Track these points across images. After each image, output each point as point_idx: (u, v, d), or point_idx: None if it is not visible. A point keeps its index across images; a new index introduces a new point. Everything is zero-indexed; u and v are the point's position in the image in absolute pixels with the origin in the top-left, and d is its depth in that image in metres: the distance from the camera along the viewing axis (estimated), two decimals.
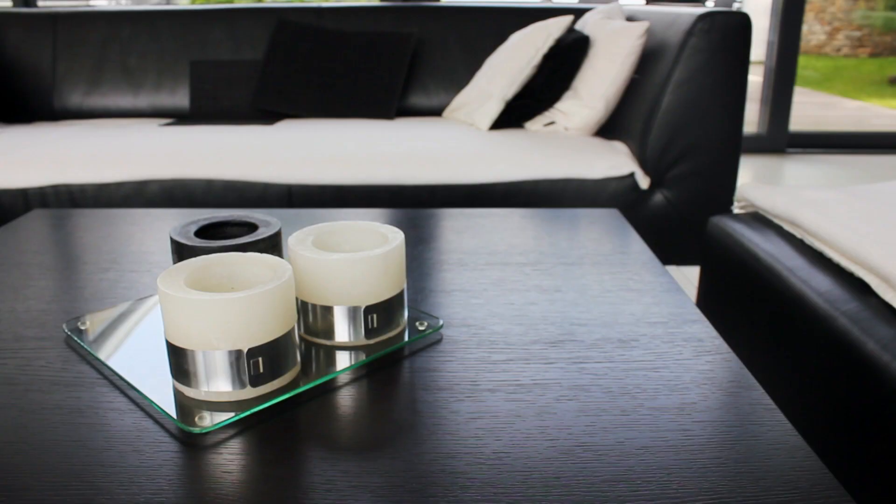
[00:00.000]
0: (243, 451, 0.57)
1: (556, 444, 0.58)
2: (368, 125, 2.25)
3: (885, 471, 0.82)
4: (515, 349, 0.73)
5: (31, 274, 0.91)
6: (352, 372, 0.69)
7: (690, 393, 0.65)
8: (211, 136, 2.02)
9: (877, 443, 0.84)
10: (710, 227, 1.39)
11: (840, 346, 0.93)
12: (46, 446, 0.58)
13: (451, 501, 0.52)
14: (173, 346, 0.62)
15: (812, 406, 1.00)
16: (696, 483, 0.54)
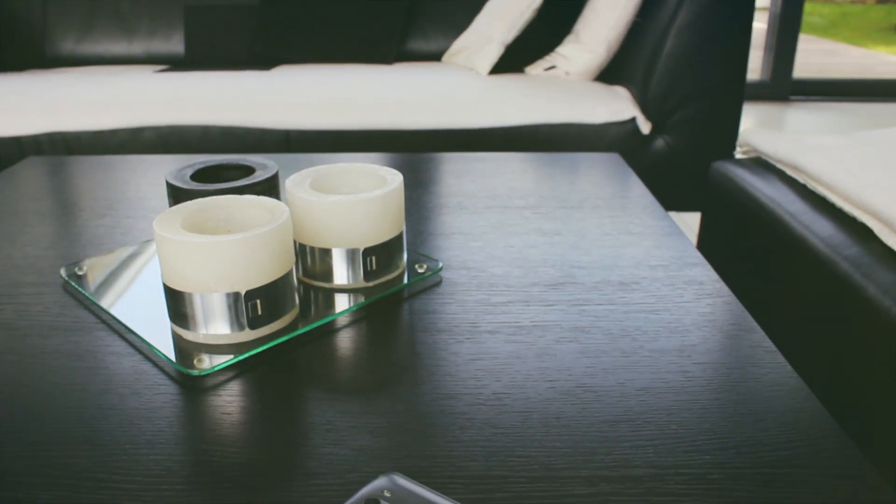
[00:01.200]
0: (242, 392, 0.57)
1: (555, 385, 0.58)
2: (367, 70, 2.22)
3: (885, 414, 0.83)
4: (515, 291, 0.73)
5: (28, 221, 0.91)
6: (351, 314, 0.69)
7: (691, 335, 0.65)
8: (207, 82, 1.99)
9: (877, 386, 0.85)
10: (712, 172, 1.38)
11: (841, 290, 0.93)
12: (46, 390, 0.58)
13: (451, 441, 0.52)
14: (171, 290, 0.62)
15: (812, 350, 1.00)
16: (696, 424, 0.53)
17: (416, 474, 0.49)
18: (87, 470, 0.49)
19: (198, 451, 0.51)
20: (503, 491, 0.48)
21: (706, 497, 0.47)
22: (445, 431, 0.53)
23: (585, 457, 0.50)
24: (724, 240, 1.32)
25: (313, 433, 0.53)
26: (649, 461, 0.50)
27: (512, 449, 0.51)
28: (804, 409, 0.55)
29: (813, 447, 0.51)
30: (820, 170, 1.13)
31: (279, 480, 0.48)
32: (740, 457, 0.50)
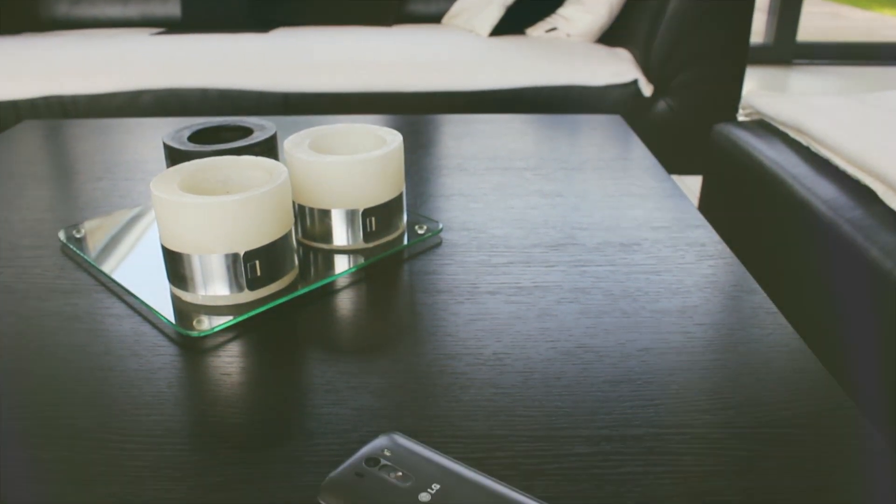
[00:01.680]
0: (242, 353, 0.57)
1: (556, 345, 0.58)
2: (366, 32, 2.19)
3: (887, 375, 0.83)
4: (516, 252, 0.72)
5: (25, 184, 0.90)
6: (350, 275, 0.68)
7: (692, 296, 0.64)
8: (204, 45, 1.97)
9: (878, 348, 0.85)
10: (715, 134, 1.37)
11: (844, 253, 0.93)
12: (46, 352, 0.57)
13: (451, 401, 0.52)
14: (169, 251, 0.61)
15: (814, 312, 1.00)
16: (697, 384, 0.53)
17: (416, 434, 0.49)
18: (87, 430, 0.49)
19: (198, 412, 0.51)
20: (504, 450, 0.48)
21: (707, 456, 0.47)
22: (446, 391, 0.53)
23: (586, 416, 0.50)
24: (725, 203, 1.31)
25: (313, 394, 0.53)
26: (650, 421, 0.50)
27: (513, 409, 0.51)
28: (805, 370, 0.55)
29: (814, 407, 0.51)
30: (824, 132, 1.12)
31: (279, 440, 0.48)
32: (741, 416, 0.50)
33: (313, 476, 0.45)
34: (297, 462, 0.47)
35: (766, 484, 0.45)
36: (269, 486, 0.45)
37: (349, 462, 0.45)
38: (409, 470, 0.44)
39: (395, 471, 0.44)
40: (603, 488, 0.44)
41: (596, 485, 0.45)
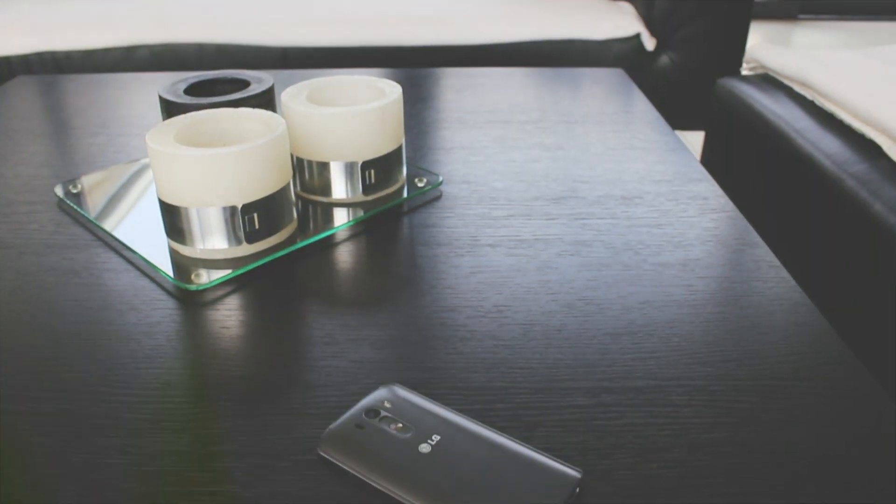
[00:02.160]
0: (241, 307, 0.57)
1: (557, 297, 0.58)
2: None
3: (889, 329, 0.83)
4: (516, 205, 0.71)
5: (19, 140, 0.89)
6: (350, 228, 0.68)
7: (694, 249, 0.64)
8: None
9: (881, 303, 0.84)
10: (718, 89, 1.35)
11: (847, 207, 0.92)
12: (44, 307, 0.57)
13: (452, 353, 0.52)
14: (166, 205, 0.61)
15: (817, 266, 0.99)
16: (698, 337, 0.53)
17: (416, 386, 0.49)
18: (87, 384, 0.49)
19: (197, 365, 0.51)
20: (504, 402, 0.47)
21: (708, 408, 0.47)
22: (446, 343, 0.53)
23: (587, 368, 0.50)
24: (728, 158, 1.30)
25: (312, 346, 0.53)
26: (651, 373, 0.50)
27: (513, 361, 0.51)
28: (807, 324, 0.55)
29: (815, 360, 0.51)
30: (829, 85, 1.10)
31: (278, 393, 0.48)
32: (742, 369, 0.50)
33: (313, 428, 0.45)
34: (297, 414, 0.46)
35: (767, 436, 0.45)
36: (268, 438, 0.45)
37: (349, 414, 0.45)
38: (410, 421, 0.44)
39: (395, 422, 0.44)
40: (603, 440, 0.44)
41: (596, 436, 0.45)
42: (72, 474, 0.42)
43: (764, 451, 0.43)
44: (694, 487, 0.41)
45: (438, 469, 0.41)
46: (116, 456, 0.43)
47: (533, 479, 0.40)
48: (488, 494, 0.39)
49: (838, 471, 0.42)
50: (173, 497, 0.41)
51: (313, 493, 0.41)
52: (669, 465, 0.43)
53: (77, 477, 0.42)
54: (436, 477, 0.40)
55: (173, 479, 0.42)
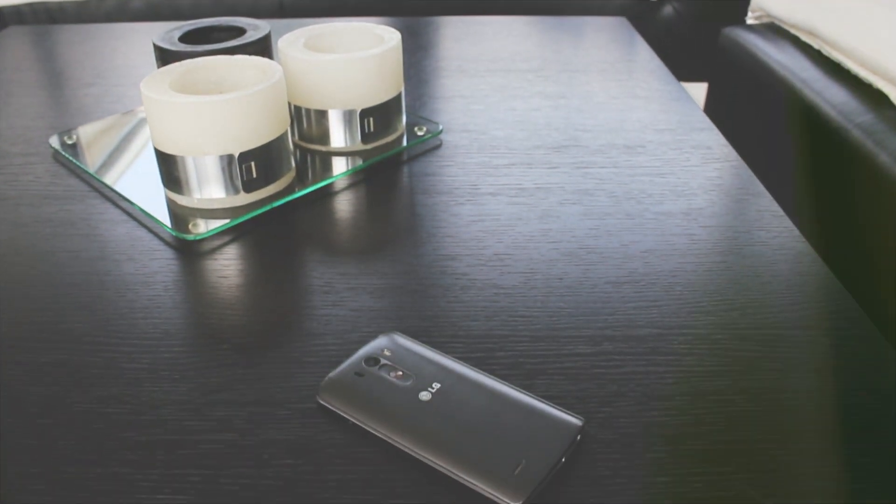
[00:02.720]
0: (239, 256, 0.56)
1: (559, 246, 0.57)
2: None
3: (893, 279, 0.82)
4: (517, 154, 0.70)
5: (12, 91, 0.87)
6: (349, 177, 0.67)
7: (697, 198, 0.63)
8: None
9: (885, 253, 0.84)
10: (722, 39, 1.33)
11: (852, 158, 0.91)
12: (41, 258, 0.56)
13: (452, 301, 0.51)
14: (162, 154, 0.60)
15: (822, 217, 0.99)
16: (701, 286, 0.53)
17: (416, 334, 0.48)
18: (85, 334, 0.49)
19: (195, 314, 0.50)
20: (505, 350, 0.47)
21: (710, 356, 0.46)
22: (446, 292, 0.52)
23: (588, 317, 0.50)
24: (731, 109, 1.29)
25: (312, 295, 0.52)
26: (653, 321, 0.49)
27: (514, 309, 0.51)
28: (811, 273, 0.54)
29: (818, 309, 0.50)
30: (837, 33, 1.08)
31: (278, 341, 0.48)
32: (745, 318, 0.50)
33: (312, 376, 0.45)
34: (296, 363, 0.46)
35: (769, 384, 0.44)
36: (267, 387, 0.44)
37: (348, 362, 0.45)
38: (409, 369, 0.44)
39: (394, 370, 0.44)
40: (605, 387, 0.44)
41: (598, 384, 0.44)
42: (71, 423, 0.42)
43: (766, 400, 0.43)
44: (695, 435, 0.41)
45: (438, 417, 0.41)
46: (116, 405, 0.43)
47: (534, 427, 0.40)
48: (489, 442, 0.39)
49: (840, 419, 0.42)
50: (173, 445, 0.40)
51: (313, 440, 0.41)
52: (671, 413, 0.42)
53: (77, 426, 0.42)
54: (436, 424, 0.40)
55: (173, 428, 0.42)
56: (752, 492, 0.38)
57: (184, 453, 0.40)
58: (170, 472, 0.39)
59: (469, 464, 0.38)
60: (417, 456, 0.39)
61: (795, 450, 0.40)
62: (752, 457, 0.40)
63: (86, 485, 0.38)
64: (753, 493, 0.38)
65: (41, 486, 0.38)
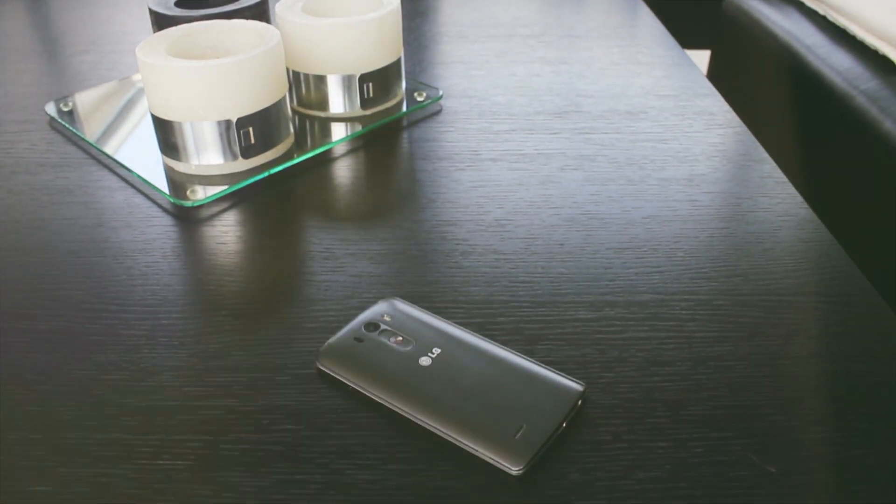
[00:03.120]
0: (238, 222, 0.56)
1: (560, 212, 0.57)
2: None
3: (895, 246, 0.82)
4: (518, 120, 0.70)
5: (6, 58, 0.86)
6: (348, 143, 0.66)
7: (700, 165, 0.62)
8: None
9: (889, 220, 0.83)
10: (725, 6, 1.31)
11: (857, 124, 0.90)
12: (38, 225, 0.56)
13: (452, 267, 0.51)
14: (159, 120, 0.59)
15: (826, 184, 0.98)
16: (703, 252, 0.52)
17: (416, 300, 0.48)
18: (83, 301, 0.48)
19: (194, 281, 0.50)
20: (506, 315, 0.47)
21: (712, 322, 0.46)
22: (446, 258, 0.52)
23: (590, 282, 0.49)
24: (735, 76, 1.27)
25: (311, 261, 0.52)
26: (655, 287, 0.49)
27: (515, 274, 0.50)
28: (813, 240, 0.54)
29: (821, 276, 0.50)
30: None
31: (277, 307, 0.47)
32: (747, 284, 0.49)
33: (312, 342, 0.45)
34: (296, 328, 0.46)
35: (771, 350, 0.44)
36: (266, 353, 0.44)
37: (348, 327, 0.44)
38: (410, 334, 0.43)
39: (395, 335, 0.43)
40: (606, 353, 0.44)
41: (599, 349, 0.44)
42: (70, 390, 0.42)
43: (768, 366, 0.43)
44: (697, 400, 0.41)
45: (439, 382, 0.40)
46: (115, 372, 0.43)
47: (535, 393, 0.40)
48: (489, 407, 0.39)
49: (842, 386, 0.42)
50: (173, 411, 0.40)
51: (313, 406, 0.41)
52: (673, 379, 0.42)
53: (76, 392, 0.42)
54: (436, 389, 0.40)
55: (172, 394, 0.41)
56: (753, 457, 0.38)
57: (183, 419, 0.40)
58: (170, 437, 0.39)
59: (469, 429, 0.38)
60: (417, 421, 0.39)
61: (797, 416, 0.40)
62: (754, 422, 0.39)
63: (86, 450, 0.38)
64: (755, 459, 0.38)
65: (42, 451, 0.38)
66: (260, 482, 0.37)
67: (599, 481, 0.37)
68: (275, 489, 0.36)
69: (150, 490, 0.36)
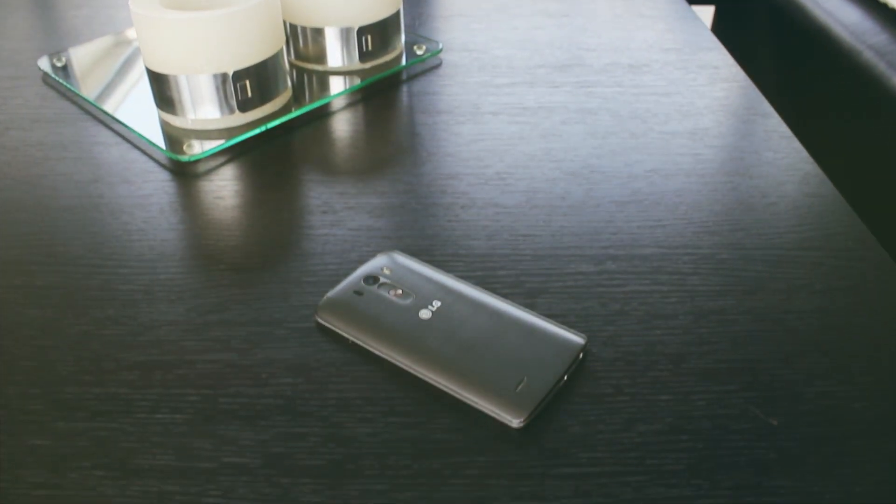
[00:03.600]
0: (235, 177, 0.55)
1: (561, 165, 0.56)
2: None
3: None
4: (519, 73, 0.69)
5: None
6: (347, 97, 0.65)
7: (704, 119, 0.61)
8: None
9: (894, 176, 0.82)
10: None
11: (864, 80, 0.89)
12: (33, 181, 0.55)
13: (452, 220, 0.50)
14: (154, 74, 0.58)
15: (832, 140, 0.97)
16: (706, 206, 0.52)
17: (416, 254, 0.47)
18: (80, 257, 0.48)
19: (191, 236, 0.49)
20: (506, 269, 0.46)
21: (714, 275, 0.46)
22: (447, 211, 0.51)
23: (592, 236, 0.49)
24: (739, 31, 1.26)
25: (310, 215, 0.51)
26: (657, 241, 0.48)
27: (516, 228, 0.50)
28: (818, 195, 0.53)
29: (826, 230, 0.49)
30: None
31: (275, 261, 0.47)
32: (751, 238, 0.49)
33: (311, 296, 0.44)
34: (294, 282, 0.45)
35: (773, 304, 0.44)
36: (265, 307, 0.44)
37: (347, 281, 0.44)
38: (409, 288, 0.43)
39: (394, 288, 0.43)
40: (607, 306, 0.43)
41: (600, 303, 0.44)
42: (68, 345, 0.41)
43: (770, 320, 0.43)
44: (699, 354, 0.40)
45: (439, 335, 0.40)
46: (112, 327, 0.43)
47: (536, 345, 0.39)
48: (490, 360, 0.39)
49: (844, 340, 0.41)
50: (171, 365, 0.40)
51: (312, 359, 0.40)
52: (674, 332, 0.42)
53: (74, 348, 0.41)
54: (436, 342, 0.40)
55: (170, 348, 0.41)
56: (755, 410, 0.37)
57: (182, 373, 0.40)
58: (168, 391, 0.39)
59: (470, 381, 0.38)
60: (417, 374, 0.39)
61: (799, 369, 0.40)
62: (756, 376, 0.39)
63: (84, 404, 0.38)
64: (756, 412, 0.37)
65: (40, 405, 0.38)
66: (259, 435, 0.36)
67: (600, 434, 0.36)
68: (274, 442, 0.36)
69: (148, 443, 0.36)
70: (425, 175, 0.55)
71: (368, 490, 0.34)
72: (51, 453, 0.36)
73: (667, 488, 0.34)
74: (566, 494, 0.34)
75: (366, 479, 0.34)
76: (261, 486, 0.34)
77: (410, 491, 0.34)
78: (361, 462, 0.35)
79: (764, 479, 0.34)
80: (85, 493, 0.34)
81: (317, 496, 0.34)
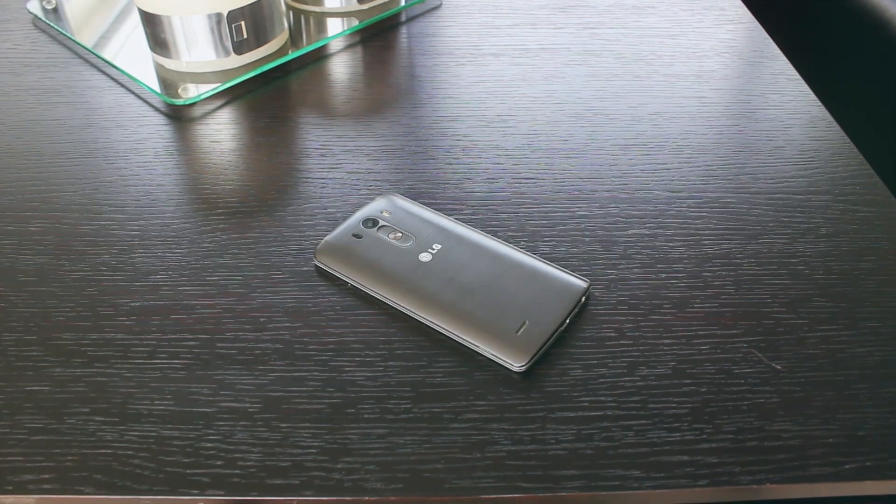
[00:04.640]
0: (231, 121, 0.54)
1: (564, 108, 0.55)
2: None
3: None
4: (521, 14, 0.67)
5: None
6: (344, 39, 0.64)
7: (709, 61, 0.60)
8: None
9: None
10: None
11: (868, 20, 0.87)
12: (25, 127, 0.54)
13: (453, 163, 0.49)
14: (146, 14, 0.57)
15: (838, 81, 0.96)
16: (711, 149, 0.51)
17: (416, 197, 0.47)
18: (74, 202, 0.47)
19: (187, 180, 0.49)
20: (507, 212, 0.45)
21: (719, 220, 0.45)
22: (447, 154, 0.50)
23: (595, 179, 0.48)
24: None
25: (307, 158, 0.50)
26: (662, 184, 0.47)
27: (517, 171, 0.49)
28: (825, 138, 0.52)
29: (833, 174, 0.49)
30: None
31: (272, 205, 0.46)
32: (756, 182, 0.48)
33: (309, 240, 0.44)
34: (292, 226, 0.45)
35: (778, 248, 0.43)
36: (263, 251, 0.43)
37: (346, 224, 0.43)
38: (409, 230, 0.42)
39: (394, 231, 0.42)
40: (610, 249, 0.43)
41: (603, 246, 0.43)
42: (65, 292, 0.41)
43: (775, 264, 0.42)
44: (702, 298, 0.40)
45: (440, 277, 0.39)
46: (108, 272, 0.42)
47: (538, 289, 0.39)
48: (491, 303, 0.38)
49: (851, 284, 0.41)
50: (168, 310, 0.40)
51: (310, 303, 0.40)
52: (678, 276, 0.41)
53: (71, 293, 0.41)
54: (437, 285, 0.39)
55: (168, 294, 0.41)
56: (758, 355, 0.37)
57: (179, 318, 0.39)
58: (165, 337, 0.38)
59: (471, 325, 0.37)
60: (417, 318, 0.38)
61: (804, 313, 0.39)
62: (760, 320, 0.39)
63: (82, 350, 0.38)
64: (760, 357, 0.37)
65: (38, 351, 0.38)
66: (258, 380, 0.36)
67: (603, 378, 0.36)
68: (272, 387, 0.36)
69: (146, 388, 0.36)
70: (425, 117, 0.54)
71: (368, 434, 0.34)
72: (49, 399, 0.35)
73: (669, 432, 0.34)
74: (567, 438, 0.34)
75: (365, 424, 0.34)
76: (259, 430, 0.34)
77: (410, 435, 0.34)
78: (361, 406, 0.35)
79: (766, 423, 0.34)
80: (83, 439, 0.34)
81: (316, 440, 0.34)
